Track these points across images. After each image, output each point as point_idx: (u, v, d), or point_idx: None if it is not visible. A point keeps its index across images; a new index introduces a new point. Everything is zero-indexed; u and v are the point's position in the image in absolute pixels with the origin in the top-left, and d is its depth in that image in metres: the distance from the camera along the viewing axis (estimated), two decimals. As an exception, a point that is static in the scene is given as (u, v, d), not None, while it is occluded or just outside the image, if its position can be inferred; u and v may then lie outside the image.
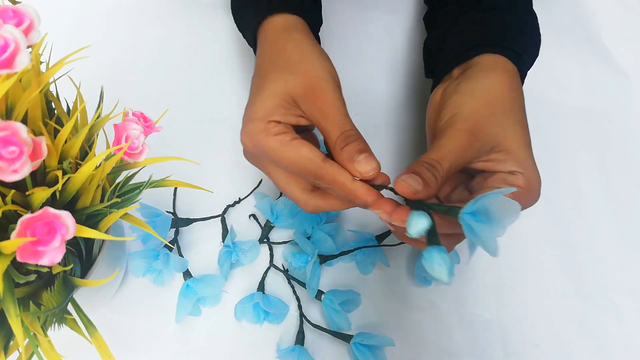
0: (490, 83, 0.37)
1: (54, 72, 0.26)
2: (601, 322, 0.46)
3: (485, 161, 0.35)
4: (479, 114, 0.35)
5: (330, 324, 0.43)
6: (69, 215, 0.24)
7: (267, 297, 0.43)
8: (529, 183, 0.35)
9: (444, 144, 0.34)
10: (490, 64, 0.39)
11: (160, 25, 0.57)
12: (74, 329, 0.29)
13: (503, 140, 0.35)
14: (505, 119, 0.36)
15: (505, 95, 0.37)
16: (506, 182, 0.34)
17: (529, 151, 0.36)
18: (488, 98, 0.36)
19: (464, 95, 0.37)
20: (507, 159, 0.35)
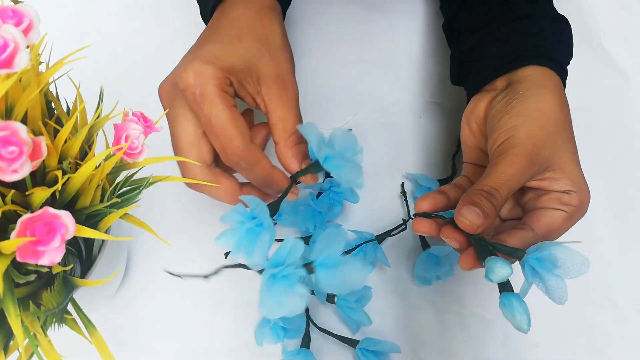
0: (543, 102, 0.36)
1: (53, 72, 0.26)
2: (601, 322, 0.46)
3: (539, 180, 0.35)
4: (536, 137, 0.35)
5: (349, 322, 0.43)
6: (69, 215, 0.24)
7: None
8: (582, 202, 0.35)
9: (503, 171, 0.34)
10: (539, 80, 0.38)
11: (161, 25, 0.57)
12: (74, 329, 0.29)
13: (557, 159, 0.35)
14: (559, 138, 0.36)
15: (558, 114, 0.36)
16: (561, 201, 0.35)
17: (580, 168, 0.36)
18: (543, 119, 0.36)
19: (518, 117, 0.36)
20: (561, 177, 0.35)
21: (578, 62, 0.60)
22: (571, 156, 0.36)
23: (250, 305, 0.44)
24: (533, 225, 0.34)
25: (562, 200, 0.35)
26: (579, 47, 0.60)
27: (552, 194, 0.35)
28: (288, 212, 0.46)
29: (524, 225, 0.35)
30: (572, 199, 0.35)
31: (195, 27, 0.57)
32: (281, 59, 0.35)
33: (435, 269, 0.44)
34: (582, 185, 0.36)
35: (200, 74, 0.31)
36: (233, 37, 0.34)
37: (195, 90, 0.31)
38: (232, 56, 0.33)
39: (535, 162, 0.34)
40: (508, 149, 0.35)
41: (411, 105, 0.55)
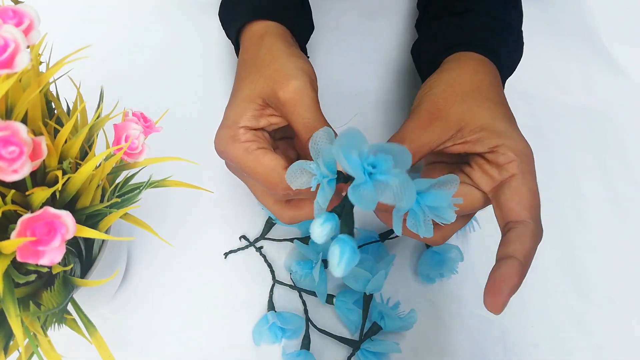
0: (453, 71, 0.37)
1: (54, 72, 0.26)
2: (601, 322, 0.46)
3: (461, 143, 0.34)
4: (438, 96, 0.35)
5: (348, 324, 0.43)
6: (69, 215, 0.24)
7: (281, 315, 0.43)
8: (518, 151, 0.33)
9: (403, 127, 0.35)
10: (457, 58, 0.39)
11: (161, 25, 0.57)
12: (74, 329, 0.29)
13: (471, 118, 0.34)
14: (471, 98, 0.35)
15: (468, 77, 0.36)
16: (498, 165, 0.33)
17: (507, 123, 0.34)
18: (449, 82, 0.36)
19: (426, 87, 0.37)
20: (482, 136, 0.33)
21: (578, 62, 0.60)
22: (491, 113, 0.34)
23: (250, 306, 0.44)
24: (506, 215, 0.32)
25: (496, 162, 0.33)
26: (579, 46, 0.61)
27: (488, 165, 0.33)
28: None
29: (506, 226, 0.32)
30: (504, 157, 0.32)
31: (196, 27, 0.57)
32: (271, 72, 0.35)
33: (439, 267, 0.44)
34: (510, 136, 0.33)
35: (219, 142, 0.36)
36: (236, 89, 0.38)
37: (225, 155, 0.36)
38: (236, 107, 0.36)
39: (437, 117, 0.34)
40: (413, 110, 0.36)
41: (411, 105, 0.55)
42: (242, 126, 0.35)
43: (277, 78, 0.35)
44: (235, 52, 0.44)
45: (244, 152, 0.34)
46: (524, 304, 0.46)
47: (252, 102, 0.35)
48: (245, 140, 0.34)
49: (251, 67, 0.37)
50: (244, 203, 0.48)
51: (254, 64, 0.37)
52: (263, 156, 0.34)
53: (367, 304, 0.42)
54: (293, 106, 0.34)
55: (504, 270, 0.30)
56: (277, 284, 0.45)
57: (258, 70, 0.36)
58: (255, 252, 0.46)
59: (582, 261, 0.48)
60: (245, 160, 0.34)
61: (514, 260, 0.30)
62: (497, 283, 0.30)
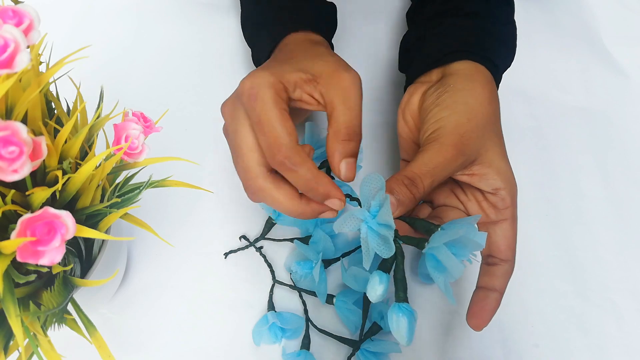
0: (472, 96, 0.37)
1: (54, 72, 0.26)
2: (601, 322, 0.46)
3: (469, 175, 0.37)
4: (464, 128, 0.35)
5: (348, 324, 0.43)
6: (69, 215, 0.24)
7: (281, 315, 0.43)
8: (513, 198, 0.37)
9: (430, 159, 0.34)
10: (470, 74, 0.39)
11: (161, 25, 0.57)
12: (74, 329, 0.29)
13: (484, 152, 0.36)
14: (486, 131, 0.36)
15: (486, 108, 0.37)
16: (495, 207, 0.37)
17: (507, 162, 0.37)
18: (471, 112, 0.36)
19: (447, 109, 0.37)
20: (488, 172, 0.36)
21: (578, 61, 0.60)
22: (498, 149, 0.37)
23: (251, 306, 0.44)
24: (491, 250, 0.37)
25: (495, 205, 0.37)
26: (579, 46, 0.61)
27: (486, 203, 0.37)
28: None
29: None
30: (503, 198, 0.36)
31: (196, 27, 0.57)
32: (334, 60, 0.36)
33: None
34: (508, 178, 0.37)
35: (256, 79, 0.33)
36: (284, 60, 0.37)
37: (251, 91, 0.33)
38: (286, 67, 0.34)
39: (462, 153, 0.35)
40: (436, 139, 0.35)
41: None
42: (285, 83, 0.33)
43: (337, 66, 0.35)
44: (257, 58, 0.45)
45: (273, 100, 0.32)
46: (524, 304, 0.46)
47: (302, 72, 0.34)
48: (280, 95, 0.33)
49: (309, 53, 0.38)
50: (244, 203, 0.48)
51: (312, 52, 0.38)
52: (288, 119, 0.32)
53: (367, 304, 0.42)
54: (347, 97, 0.33)
55: (489, 301, 0.37)
56: (277, 284, 0.45)
57: (318, 56, 0.36)
58: (255, 252, 0.46)
59: (582, 261, 0.48)
60: (270, 108, 0.32)
61: (497, 295, 0.36)
62: (482, 311, 0.37)
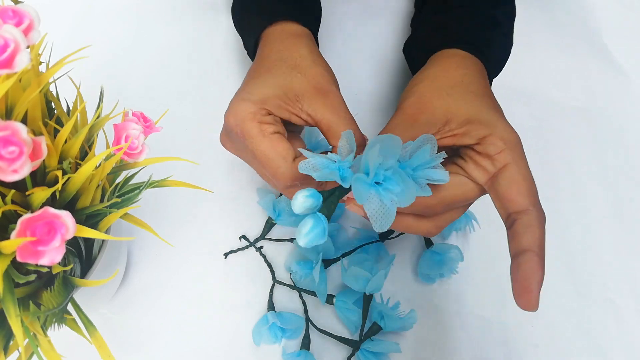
0: (436, 67, 0.38)
1: (54, 72, 0.26)
2: (601, 322, 0.46)
3: (449, 137, 0.34)
4: (422, 90, 0.36)
5: (348, 324, 0.43)
6: (69, 215, 0.24)
7: (281, 315, 0.43)
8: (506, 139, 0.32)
9: (387, 125, 0.35)
10: (441, 55, 0.40)
11: (161, 25, 0.57)
12: (74, 329, 0.29)
13: (456, 110, 0.34)
14: (455, 91, 0.36)
15: (451, 71, 0.37)
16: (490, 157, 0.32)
17: (492, 113, 0.34)
18: (431, 77, 0.37)
19: (411, 83, 0.38)
20: (470, 128, 0.33)
21: (578, 61, 0.60)
22: (478, 105, 0.35)
23: (251, 306, 0.44)
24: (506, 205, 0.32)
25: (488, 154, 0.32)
26: (580, 46, 0.61)
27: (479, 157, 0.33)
28: (287, 212, 0.46)
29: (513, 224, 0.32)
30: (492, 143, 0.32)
31: (195, 27, 0.57)
32: (314, 73, 0.37)
33: (439, 267, 0.44)
34: (493, 123, 0.33)
35: (237, 114, 0.34)
36: (262, 73, 0.37)
37: (237, 129, 0.34)
38: (264, 88, 0.35)
39: (421, 111, 0.35)
40: (398, 107, 0.37)
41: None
42: (265, 108, 0.34)
43: (321, 82, 0.36)
44: (248, 48, 0.45)
45: (260, 133, 0.33)
46: (524, 304, 0.46)
47: (284, 92, 0.35)
48: (265, 122, 0.33)
49: (288, 61, 0.37)
50: (244, 203, 0.48)
51: (292, 60, 0.37)
52: (278, 142, 0.33)
53: (367, 304, 0.42)
54: (337, 111, 0.35)
55: (526, 267, 0.29)
56: (277, 284, 0.45)
57: (297, 67, 0.37)
58: (255, 252, 0.46)
59: (582, 261, 0.48)
60: (259, 142, 0.33)
61: (531, 254, 0.30)
62: (524, 282, 0.29)
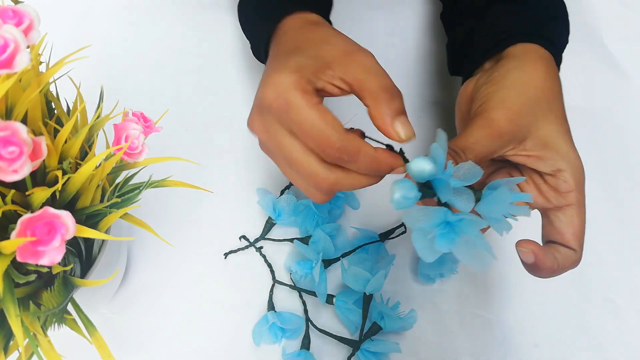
0: (523, 71, 0.35)
1: (54, 72, 0.26)
2: (601, 322, 0.46)
3: (524, 156, 0.34)
4: (510, 102, 0.34)
5: (348, 324, 0.43)
6: (69, 215, 0.24)
7: (281, 315, 0.43)
8: (578, 179, 0.33)
9: (471, 133, 0.33)
10: (522, 53, 0.37)
11: (161, 25, 0.57)
12: (74, 329, 0.29)
13: (539, 130, 0.33)
14: (540, 108, 0.34)
15: (540, 83, 0.35)
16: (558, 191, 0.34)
17: (569, 142, 0.34)
18: (520, 86, 0.35)
19: (495, 85, 0.35)
20: (546, 155, 0.33)
21: (579, 61, 0.60)
22: (558, 128, 0.34)
23: (251, 306, 0.44)
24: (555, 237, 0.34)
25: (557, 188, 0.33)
26: (580, 46, 0.61)
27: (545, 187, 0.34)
28: (287, 212, 0.46)
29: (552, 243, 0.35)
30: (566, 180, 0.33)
31: (196, 27, 0.57)
32: (341, 41, 0.35)
33: (439, 267, 0.44)
34: (571, 159, 0.34)
35: (277, 85, 0.31)
36: (291, 51, 0.34)
37: (279, 101, 0.31)
38: (297, 57, 0.33)
39: (507, 127, 0.33)
40: (481, 113, 0.34)
41: (411, 104, 0.55)
42: (305, 76, 0.31)
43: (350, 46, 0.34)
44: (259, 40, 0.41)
45: (306, 103, 0.30)
46: (524, 304, 0.46)
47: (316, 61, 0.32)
48: (308, 91, 0.31)
49: (314, 39, 0.35)
50: (244, 203, 0.48)
51: (318, 38, 0.35)
52: (326, 112, 0.31)
53: (367, 304, 0.42)
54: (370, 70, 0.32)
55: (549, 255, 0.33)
56: (277, 284, 0.45)
57: (324, 41, 0.34)
58: (255, 252, 0.46)
59: (582, 261, 0.48)
60: (307, 112, 0.30)
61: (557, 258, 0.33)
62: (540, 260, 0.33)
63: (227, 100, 0.53)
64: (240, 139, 0.51)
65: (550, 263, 0.32)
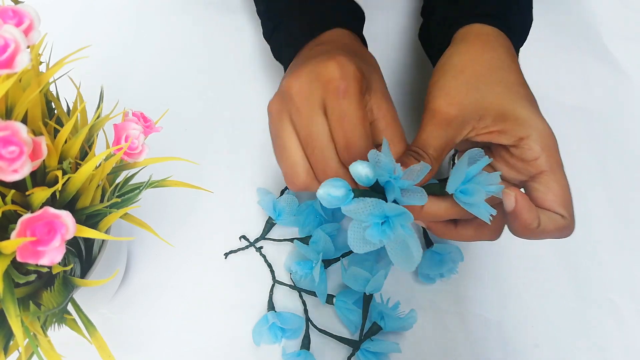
0: (459, 53, 0.35)
1: (54, 72, 0.26)
2: (601, 322, 0.46)
3: (486, 134, 0.33)
4: (447, 87, 0.34)
5: (348, 324, 0.43)
6: (69, 215, 0.24)
7: (281, 315, 0.43)
8: (544, 143, 0.32)
9: (423, 129, 0.33)
10: (462, 35, 0.37)
11: (161, 25, 0.57)
12: (74, 329, 0.29)
13: (489, 105, 0.32)
14: (482, 82, 0.33)
15: (477, 58, 0.34)
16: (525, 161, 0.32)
17: (528, 107, 0.33)
18: (455, 69, 0.34)
19: (435, 75, 0.35)
20: (506, 127, 0.32)
21: (578, 61, 0.60)
22: (514, 97, 0.33)
23: (251, 306, 0.44)
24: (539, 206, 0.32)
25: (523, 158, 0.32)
26: (580, 46, 0.61)
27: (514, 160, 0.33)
28: (287, 212, 0.46)
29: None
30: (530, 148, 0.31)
31: (196, 27, 0.57)
32: (381, 77, 0.36)
33: (439, 267, 0.44)
34: (533, 124, 0.32)
35: (346, 70, 0.31)
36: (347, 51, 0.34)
37: (340, 84, 0.31)
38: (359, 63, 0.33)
39: (450, 115, 0.32)
40: (426, 106, 0.34)
41: (411, 104, 0.55)
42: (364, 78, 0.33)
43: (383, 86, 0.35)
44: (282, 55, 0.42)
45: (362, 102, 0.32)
46: (524, 304, 0.46)
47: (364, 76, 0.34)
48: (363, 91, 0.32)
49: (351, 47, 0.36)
50: (244, 203, 0.48)
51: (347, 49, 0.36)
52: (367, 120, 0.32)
53: (367, 304, 0.42)
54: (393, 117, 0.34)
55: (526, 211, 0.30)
56: (277, 284, 0.45)
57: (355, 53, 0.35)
58: (255, 252, 0.46)
59: (582, 261, 0.48)
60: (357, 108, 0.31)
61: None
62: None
63: (227, 100, 0.53)
64: (240, 139, 0.51)
65: (529, 216, 0.30)
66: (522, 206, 0.29)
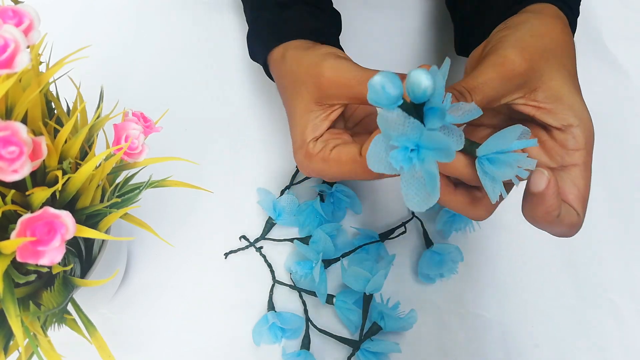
0: (541, 21, 0.33)
1: (54, 72, 0.26)
2: (601, 322, 0.46)
3: (534, 106, 0.31)
4: (526, 42, 0.31)
5: (348, 324, 0.43)
6: (69, 215, 0.24)
7: (281, 315, 0.43)
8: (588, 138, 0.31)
9: (481, 72, 0.30)
10: (541, 9, 0.34)
11: (161, 24, 0.57)
12: (74, 329, 0.29)
13: (551, 81, 0.31)
14: (555, 58, 0.31)
15: (557, 35, 0.32)
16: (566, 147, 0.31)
17: (582, 100, 0.32)
18: (538, 33, 0.32)
19: (510, 29, 0.32)
20: (558, 108, 0.31)
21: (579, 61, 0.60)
22: (571, 83, 0.31)
23: (251, 306, 0.44)
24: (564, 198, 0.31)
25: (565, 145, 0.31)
26: (581, 46, 0.60)
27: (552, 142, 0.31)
28: (288, 212, 0.46)
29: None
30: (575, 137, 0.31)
31: (196, 27, 0.57)
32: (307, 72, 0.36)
33: (439, 267, 0.44)
34: (583, 115, 0.31)
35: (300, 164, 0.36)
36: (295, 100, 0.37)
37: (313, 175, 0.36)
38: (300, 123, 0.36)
39: (520, 69, 0.30)
40: (494, 51, 0.31)
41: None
42: (310, 140, 0.35)
43: (312, 73, 0.35)
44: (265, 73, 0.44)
45: (323, 162, 0.34)
46: (524, 304, 0.46)
47: (309, 113, 0.35)
48: (318, 151, 0.34)
49: (288, 85, 0.38)
50: (244, 203, 0.48)
51: (289, 81, 0.38)
52: (339, 155, 0.33)
53: (367, 304, 0.42)
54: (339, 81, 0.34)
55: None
56: (277, 284, 0.45)
57: (294, 82, 0.37)
58: (255, 252, 0.46)
59: (582, 261, 0.48)
60: (328, 169, 0.34)
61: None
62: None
63: (227, 100, 0.53)
64: (240, 139, 0.51)
65: (554, 202, 0.28)
66: (552, 191, 0.28)
